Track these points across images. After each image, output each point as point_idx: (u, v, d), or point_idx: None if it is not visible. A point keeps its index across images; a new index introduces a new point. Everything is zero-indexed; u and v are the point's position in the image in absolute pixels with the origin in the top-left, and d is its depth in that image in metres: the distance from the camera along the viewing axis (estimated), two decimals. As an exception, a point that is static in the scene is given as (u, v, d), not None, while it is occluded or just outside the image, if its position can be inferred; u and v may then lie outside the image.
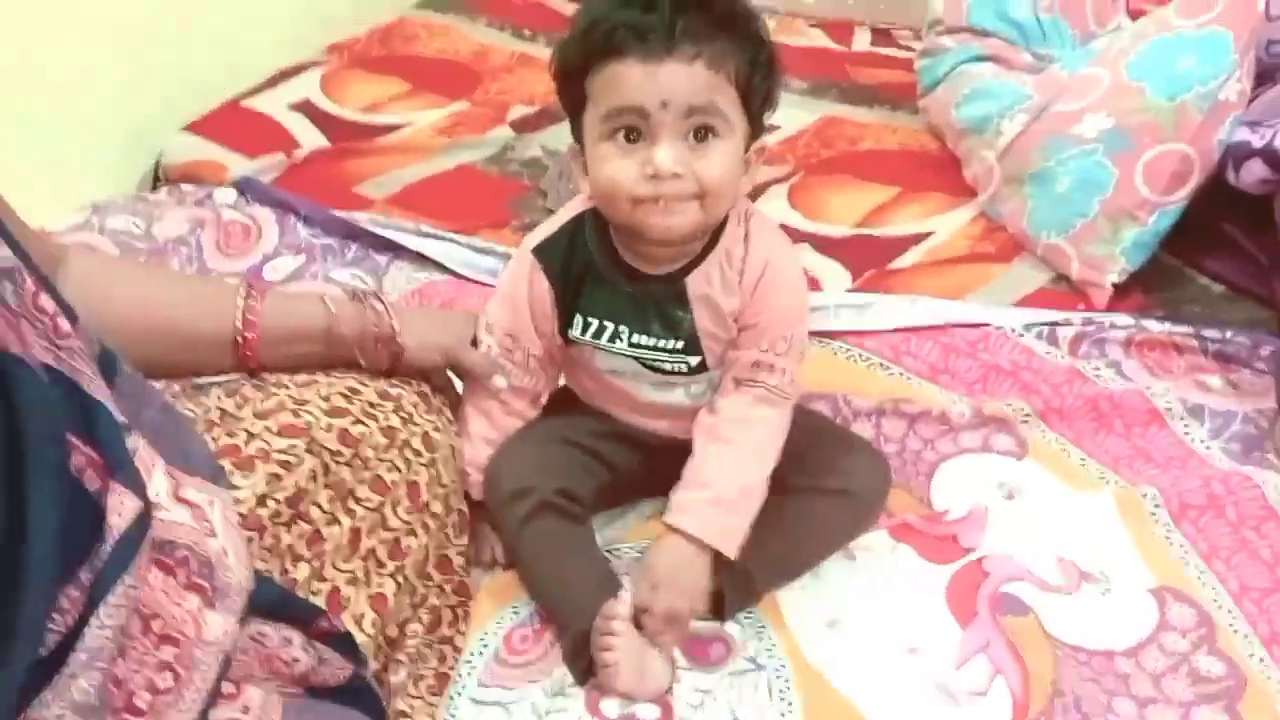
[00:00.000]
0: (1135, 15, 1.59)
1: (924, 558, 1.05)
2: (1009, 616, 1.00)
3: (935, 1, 1.77)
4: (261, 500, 0.80)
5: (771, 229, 1.01)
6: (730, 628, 1.00)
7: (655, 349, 0.99)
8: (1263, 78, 1.43)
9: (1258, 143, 1.33)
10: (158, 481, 0.71)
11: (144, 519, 0.68)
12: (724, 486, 0.97)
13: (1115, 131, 1.38)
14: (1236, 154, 1.35)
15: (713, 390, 1.02)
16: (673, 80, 0.85)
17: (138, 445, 0.70)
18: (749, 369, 0.98)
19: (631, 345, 0.99)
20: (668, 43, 0.84)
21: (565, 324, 1.00)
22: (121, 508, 0.67)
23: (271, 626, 0.78)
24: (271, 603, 0.77)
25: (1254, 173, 1.33)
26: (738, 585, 0.99)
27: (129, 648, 0.67)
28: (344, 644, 0.83)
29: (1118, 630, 0.99)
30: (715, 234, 0.96)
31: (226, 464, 0.81)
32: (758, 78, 0.89)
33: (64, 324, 0.67)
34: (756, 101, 0.91)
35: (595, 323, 0.99)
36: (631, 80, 0.85)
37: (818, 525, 1.03)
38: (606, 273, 0.98)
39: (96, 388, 0.68)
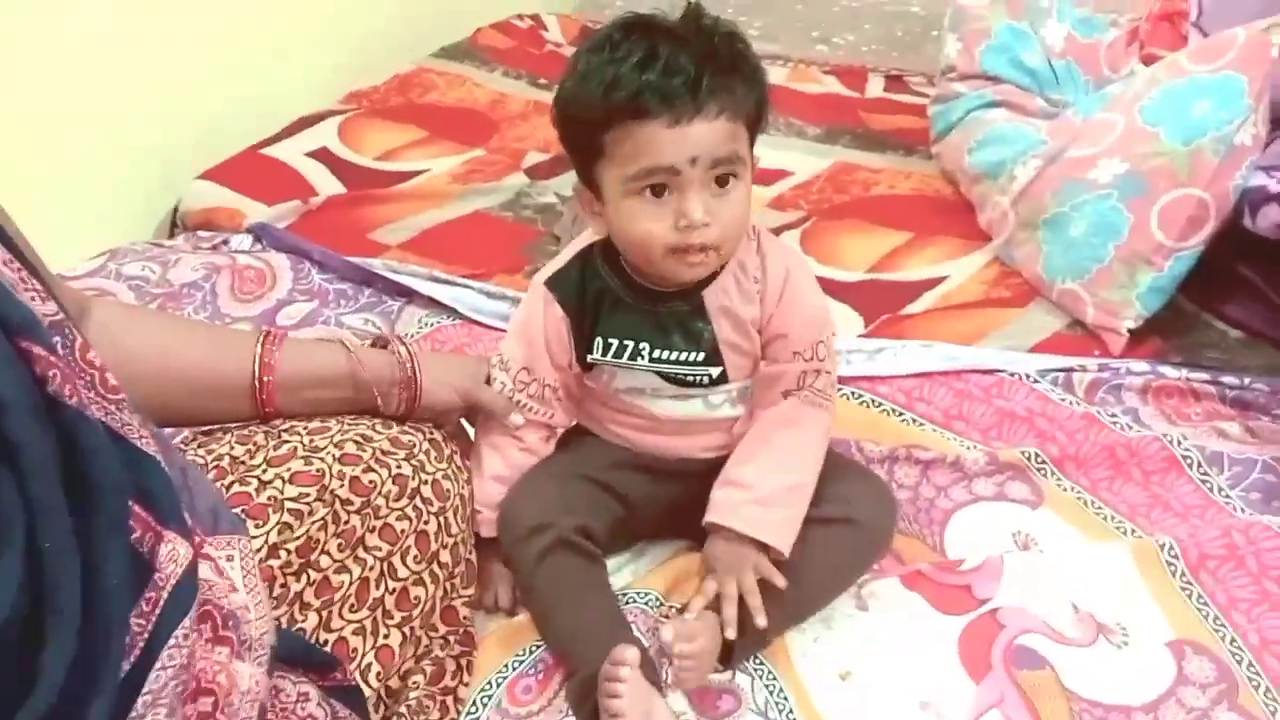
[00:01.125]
0: (1148, 61, 1.59)
1: (937, 608, 1.03)
2: (1024, 670, 0.98)
3: (948, 48, 1.78)
4: (273, 550, 0.80)
5: (780, 241, 1.05)
6: (740, 679, 0.98)
7: (677, 362, 1.00)
8: (1277, 122, 1.43)
9: (1274, 187, 1.32)
10: None
11: (194, 566, 0.69)
12: (766, 485, 0.98)
13: (1130, 176, 1.38)
14: (1253, 199, 1.34)
15: (731, 403, 1.03)
16: (701, 138, 0.88)
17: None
18: (795, 379, 1.01)
19: (653, 360, 1.00)
20: (695, 104, 0.87)
21: (584, 350, 1.02)
22: (175, 555, 0.69)
23: (291, 681, 0.78)
24: (294, 652, 0.76)
25: (1270, 218, 1.32)
26: (748, 633, 0.98)
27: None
28: (352, 696, 0.82)
29: (1136, 685, 0.97)
30: None
31: (238, 513, 0.81)
32: (759, 105, 0.94)
33: (112, 378, 0.68)
34: (761, 123, 0.95)
35: (615, 343, 1.01)
36: (661, 142, 0.88)
37: (824, 559, 1.01)
38: (624, 296, 1.00)
39: (146, 442, 0.69)
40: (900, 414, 1.28)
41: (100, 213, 1.63)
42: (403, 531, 0.89)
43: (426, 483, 0.92)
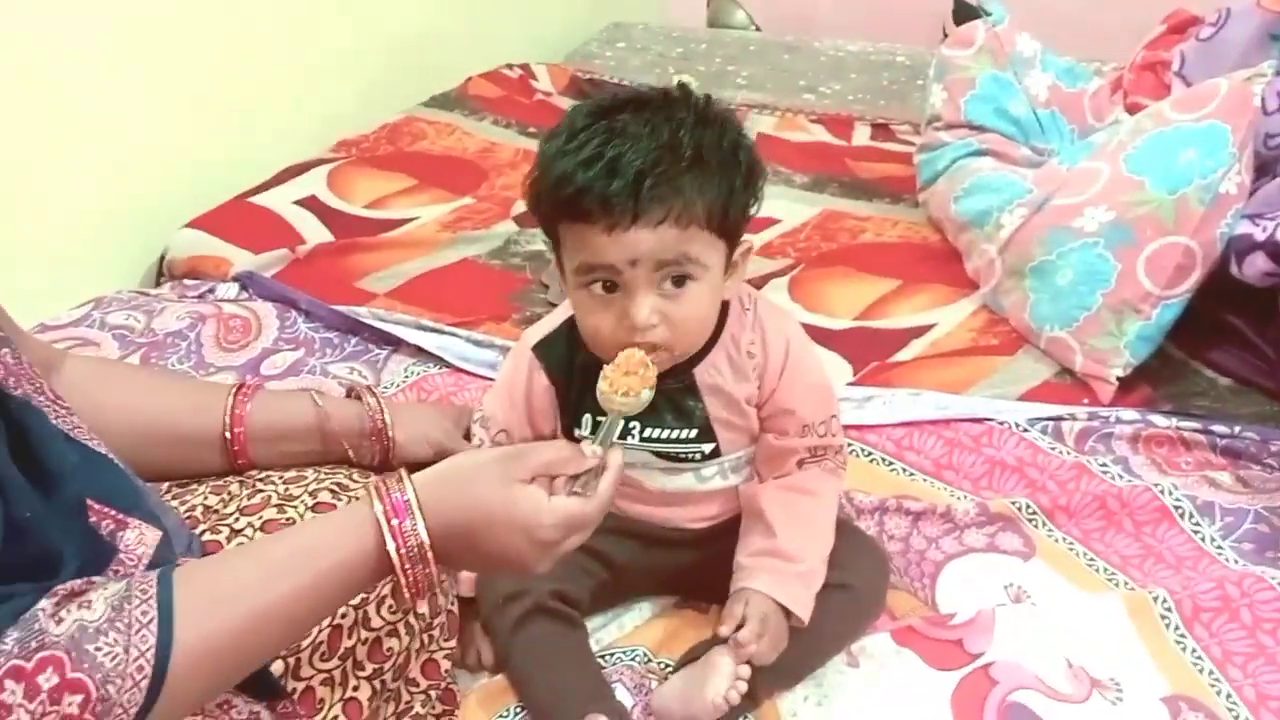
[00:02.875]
0: (1132, 110, 1.60)
1: (929, 664, 1.02)
2: (1017, 727, 0.96)
3: (933, 97, 1.79)
4: None
5: (778, 310, 1.03)
6: (730, 737, 0.96)
7: (668, 440, 0.98)
8: (1262, 170, 1.44)
9: (1260, 235, 1.33)
10: None
11: (167, 545, 0.70)
12: (811, 560, 0.97)
13: (1116, 224, 1.38)
14: (1239, 247, 1.35)
15: (722, 475, 1.01)
16: (639, 244, 0.84)
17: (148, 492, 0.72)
18: (808, 450, 0.99)
19: (644, 440, 0.98)
20: (634, 209, 0.83)
21: (571, 423, 0.99)
22: (142, 539, 0.71)
23: (244, 700, 0.77)
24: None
25: (1257, 266, 1.32)
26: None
27: None
28: None
29: (1131, 742, 0.95)
30: (720, 323, 0.96)
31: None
32: (734, 203, 0.88)
33: (60, 392, 0.70)
34: (738, 222, 0.90)
35: (604, 421, 0.97)
36: (600, 243, 0.85)
37: (820, 624, 0.99)
38: None
39: (98, 444, 0.71)
40: (890, 464, 1.27)
41: (86, 261, 1.63)
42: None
43: None
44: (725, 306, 0.96)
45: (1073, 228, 1.42)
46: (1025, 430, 1.28)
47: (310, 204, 1.79)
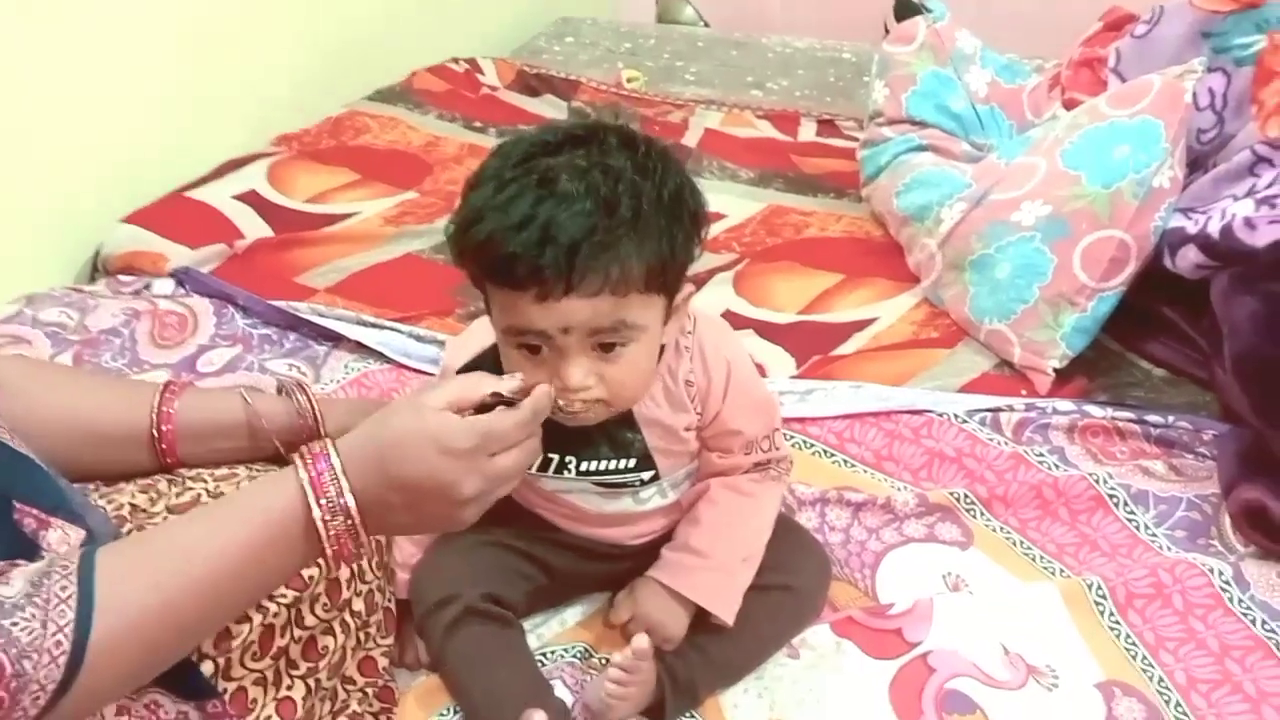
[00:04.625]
0: (1069, 105, 1.62)
1: (868, 654, 1.02)
2: (955, 715, 0.97)
3: (876, 94, 1.81)
4: None
5: (720, 329, 1.02)
6: (670, 732, 0.96)
7: (606, 472, 0.96)
8: (1194, 165, 1.47)
9: (1192, 229, 1.35)
10: None
11: (90, 544, 0.69)
12: (724, 557, 0.97)
13: (1053, 219, 1.40)
14: (1172, 240, 1.37)
15: (661, 494, 1.01)
16: (572, 314, 0.79)
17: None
18: (754, 467, 1.00)
19: (581, 474, 0.96)
20: (567, 279, 0.77)
21: None
22: (65, 539, 0.70)
23: (170, 699, 0.76)
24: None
25: (1189, 258, 1.34)
26: (680, 690, 0.96)
27: None
28: None
29: (1065, 727, 0.97)
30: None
31: None
32: (675, 258, 0.83)
33: None
34: (679, 274, 0.85)
35: (540, 456, 0.94)
36: (529, 311, 0.80)
37: (760, 624, 1.00)
38: None
39: (18, 443, 0.70)
40: (831, 455, 1.28)
41: (18, 257, 1.58)
42: (311, 579, 0.86)
43: None
44: None
45: (1010, 222, 1.43)
46: (964, 422, 1.29)
47: (250, 199, 1.75)
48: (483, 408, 0.77)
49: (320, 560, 0.79)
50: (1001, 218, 1.45)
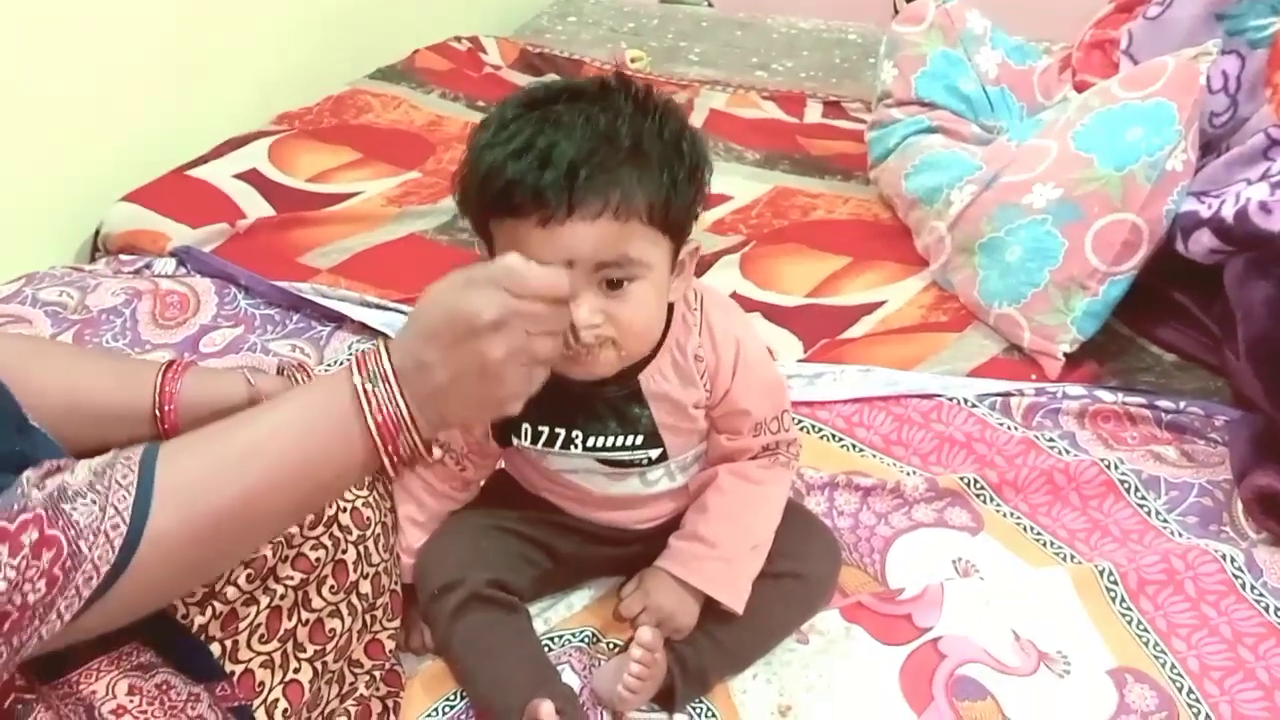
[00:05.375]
0: (1080, 88, 1.60)
1: (878, 639, 1.01)
2: (966, 701, 0.96)
3: (884, 74, 1.79)
4: None
5: (727, 306, 1.00)
6: (678, 718, 0.95)
7: (614, 448, 0.95)
8: (1207, 148, 1.45)
9: (1205, 213, 1.34)
10: None
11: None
12: (733, 545, 0.96)
13: (1064, 201, 1.39)
14: (1185, 224, 1.36)
15: (669, 477, 0.99)
16: (576, 241, 0.79)
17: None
18: (763, 449, 0.98)
19: (589, 449, 0.95)
20: (569, 202, 0.78)
21: (508, 430, 0.96)
22: None
23: (182, 680, 0.76)
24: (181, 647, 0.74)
25: (1202, 243, 1.33)
26: (690, 678, 0.95)
27: None
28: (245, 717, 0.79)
29: (1077, 714, 0.96)
30: (664, 328, 0.93)
31: None
32: (678, 198, 0.83)
33: None
34: (683, 217, 0.85)
35: (546, 430, 0.94)
36: (533, 242, 0.79)
37: (771, 612, 0.99)
38: (553, 377, 0.88)
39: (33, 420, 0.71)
40: (840, 440, 1.27)
41: (18, 236, 1.57)
42: (318, 560, 0.85)
43: (345, 510, 0.89)
44: (670, 310, 0.92)
45: (1021, 205, 1.42)
46: (974, 406, 1.28)
47: (251, 177, 1.74)
48: None
49: (373, 453, 0.75)
50: (1012, 200, 1.43)
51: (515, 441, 0.96)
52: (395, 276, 1.52)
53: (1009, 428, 1.26)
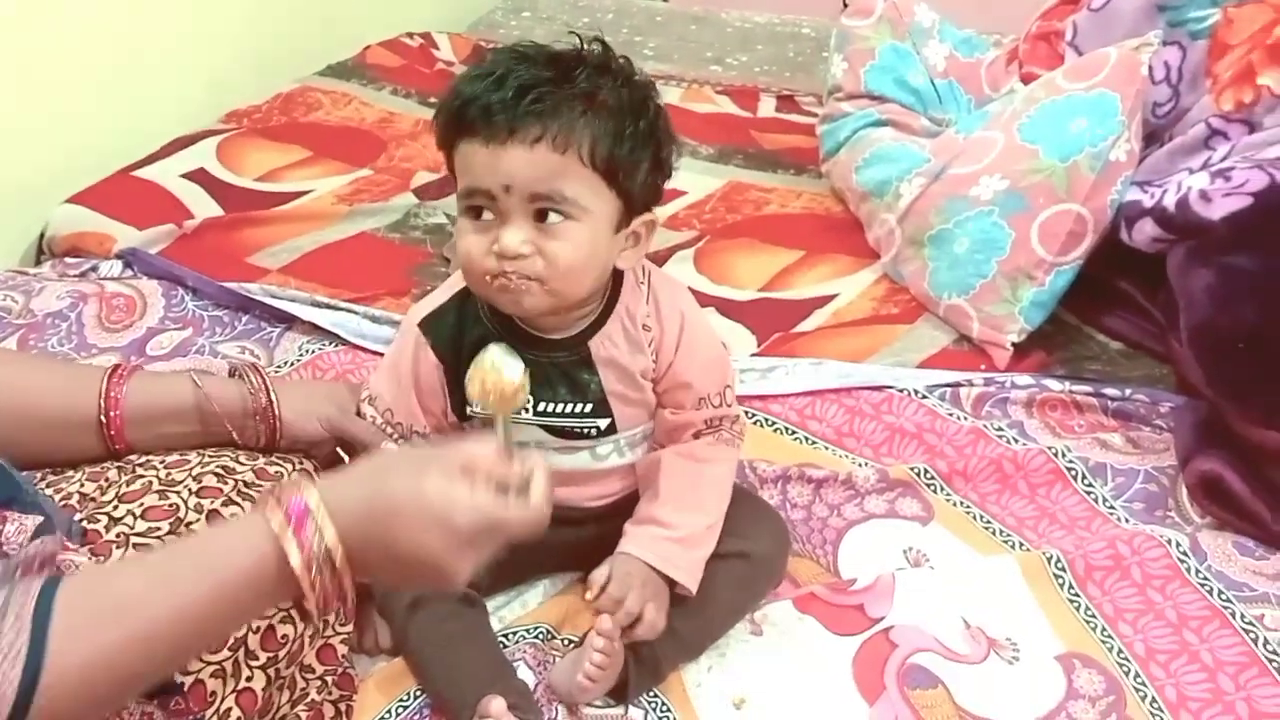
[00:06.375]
0: (1027, 80, 1.62)
1: (830, 630, 1.02)
2: (917, 690, 0.97)
3: (834, 68, 1.80)
4: None
5: (671, 281, 1.01)
6: (634, 713, 0.96)
7: (562, 415, 0.96)
8: (1150, 138, 1.47)
9: (1148, 202, 1.36)
10: None
11: (48, 525, 0.68)
12: (690, 526, 0.97)
13: (1010, 193, 1.40)
14: (1129, 213, 1.38)
15: (619, 453, 1.00)
16: (514, 165, 0.83)
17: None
18: (704, 423, 0.99)
19: (538, 414, 0.95)
20: (511, 122, 0.82)
21: (461, 401, 0.96)
22: (23, 528, 0.69)
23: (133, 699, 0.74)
24: None
25: (1146, 232, 1.35)
26: (643, 667, 0.96)
27: None
28: None
29: (1027, 700, 0.97)
30: (614, 294, 0.95)
31: (84, 552, 0.77)
32: (626, 152, 0.86)
33: None
34: (632, 176, 0.87)
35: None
36: (478, 161, 0.84)
37: (719, 593, 1.00)
38: (504, 342, 0.93)
39: None
40: (793, 433, 1.27)
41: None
42: None
43: None
44: (620, 277, 0.94)
45: (969, 196, 1.43)
46: (924, 397, 1.29)
47: (198, 177, 1.71)
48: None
49: (297, 608, 0.75)
50: (960, 192, 1.45)
51: (467, 409, 0.96)
52: (346, 276, 1.51)
53: (958, 418, 1.27)
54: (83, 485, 0.87)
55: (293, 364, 1.35)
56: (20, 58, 1.57)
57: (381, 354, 1.34)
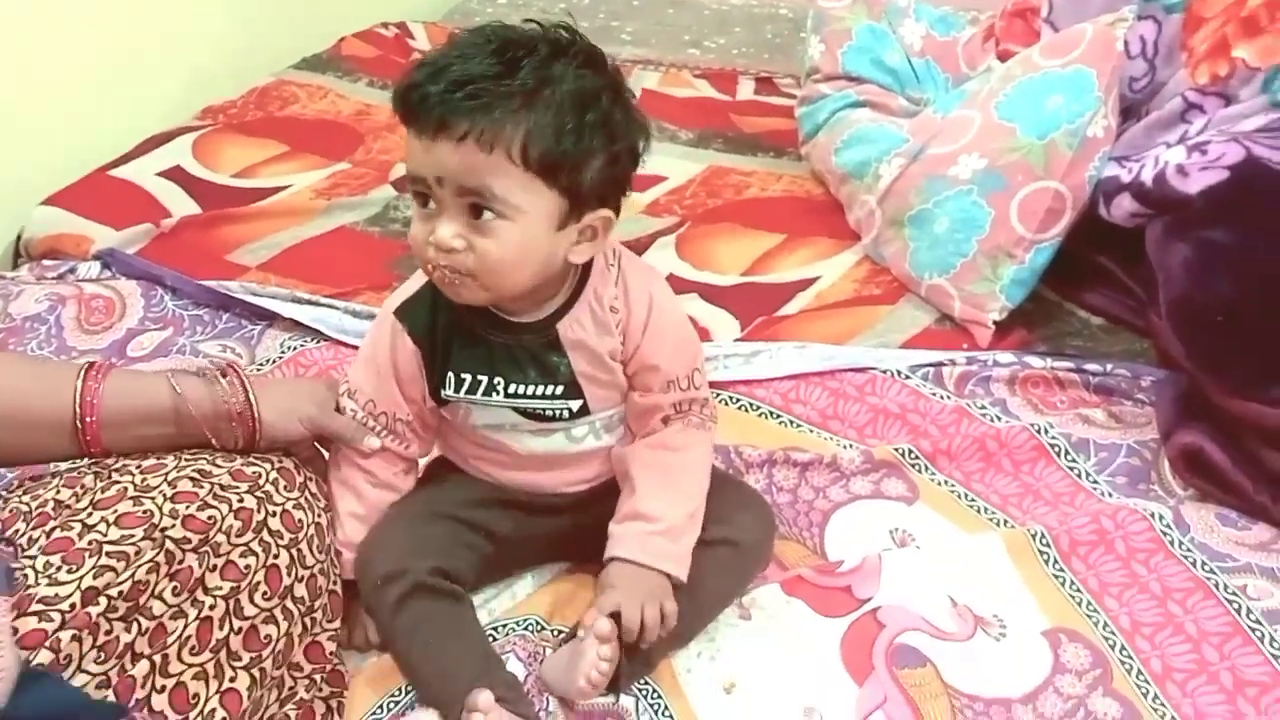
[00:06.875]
0: (1003, 57, 1.62)
1: (818, 612, 1.03)
2: (905, 669, 0.98)
3: (811, 50, 1.80)
4: (90, 596, 0.75)
5: (643, 266, 1.01)
6: (625, 702, 0.95)
7: (534, 396, 0.96)
8: (1127, 114, 1.47)
9: (1126, 178, 1.36)
10: None
11: None
12: (673, 517, 0.97)
13: (989, 171, 1.40)
14: (1106, 189, 1.38)
15: (595, 435, 1.00)
16: (443, 159, 0.83)
17: None
18: (673, 406, 0.99)
19: (509, 396, 0.96)
20: (442, 116, 0.81)
21: (437, 384, 0.97)
22: None
23: None
24: (54, 711, 0.70)
25: (1124, 207, 1.36)
26: (635, 656, 0.96)
27: None
28: None
29: (1014, 676, 0.98)
30: (582, 276, 0.95)
31: (55, 559, 0.76)
32: (569, 149, 0.84)
33: None
34: (577, 173, 0.85)
35: (469, 378, 0.95)
36: (415, 150, 0.84)
37: (707, 581, 0.99)
38: (474, 327, 0.95)
39: None
40: (778, 416, 1.28)
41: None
42: (248, 568, 0.84)
43: (275, 514, 0.87)
44: (590, 261, 0.94)
45: (948, 176, 1.43)
46: (907, 378, 1.30)
47: (175, 175, 1.70)
48: None
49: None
50: (939, 172, 1.45)
51: (443, 393, 0.96)
52: (326, 271, 1.51)
53: (941, 397, 1.28)
54: (58, 492, 0.85)
55: (274, 361, 1.35)
56: (-8, 60, 1.56)
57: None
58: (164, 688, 0.78)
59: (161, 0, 1.85)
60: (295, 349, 1.36)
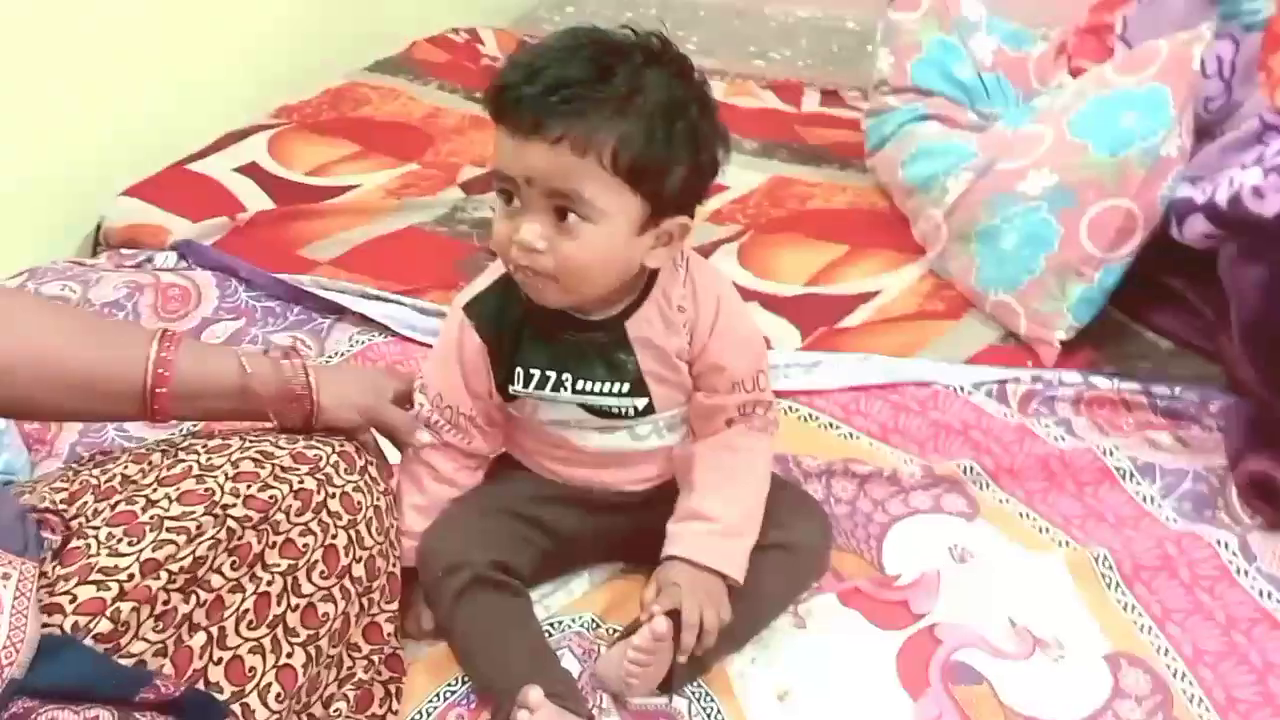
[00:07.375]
0: (1075, 73, 1.61)
1: (874, 624, 1.03)
2: (961, 686, 0.97)
3: (880, 62, 1.79)
4: (149, 568, 0.77)
5: (710, 268, 1.02)
6: (678, 702, 0.96)
7: (601, 393, 0.97)
8: (1201, 133, 1.45)
9: (1200, 198, 1.34)
10: None
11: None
12: (731, 517, 0.97)
13: (1059, 188, 1.39)
14: (1179, 209, 1.36)
15: (658, 434, 1.01)
16: (535, 160, 0.84)
17: None
18: (737, 408, 0.99)
19: (577, 392, 0.97)
20: (537, 117, 0.82)
21: (505, 379, 0.98)
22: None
23: (72, 711, 0.70)
24: (74, 679, 0.71)
25: (1196, 228, 1.33)
26: (690, 661, 0.96)
27: None
28: (199, 707, 0.76)
29: (1072, 699, 0.97)
30: (651, 276, 0.96)
31: (118, 531, 0.78)
32: (657, 156, 0.85)
33: None
34: (662, 180, 0.86)
35: (537, 374, 0.97)
36: (506, 149, 0.85)
37: (762, 585, 1.00)
38: (544, 323, 0.96)
39: None
40: (837, 427, 1.27)
41: (20, 231, 1.58)
42: (306, 546, 0.85)
43: (334, 496, 0.88)
44: None
45: (1017, 191, 1.42)
46: (970, 394, 1.29)
47: (250, 171, 1.75)
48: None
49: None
50: (1008, 187, 1.44)
51: (511, 388, 0.97)
52: (395, 268, 1.53)
53: (1005, 415, 1.27)
54: (126, 468, 0.87)
55: (344, 354, 1.37)
56: (75, 54, 1.60)
57: (430, 345, 1.36)
58: (221, 660, 0.80)
59: (239, 4, 1.89)
60: (364, 343, 1.39)
